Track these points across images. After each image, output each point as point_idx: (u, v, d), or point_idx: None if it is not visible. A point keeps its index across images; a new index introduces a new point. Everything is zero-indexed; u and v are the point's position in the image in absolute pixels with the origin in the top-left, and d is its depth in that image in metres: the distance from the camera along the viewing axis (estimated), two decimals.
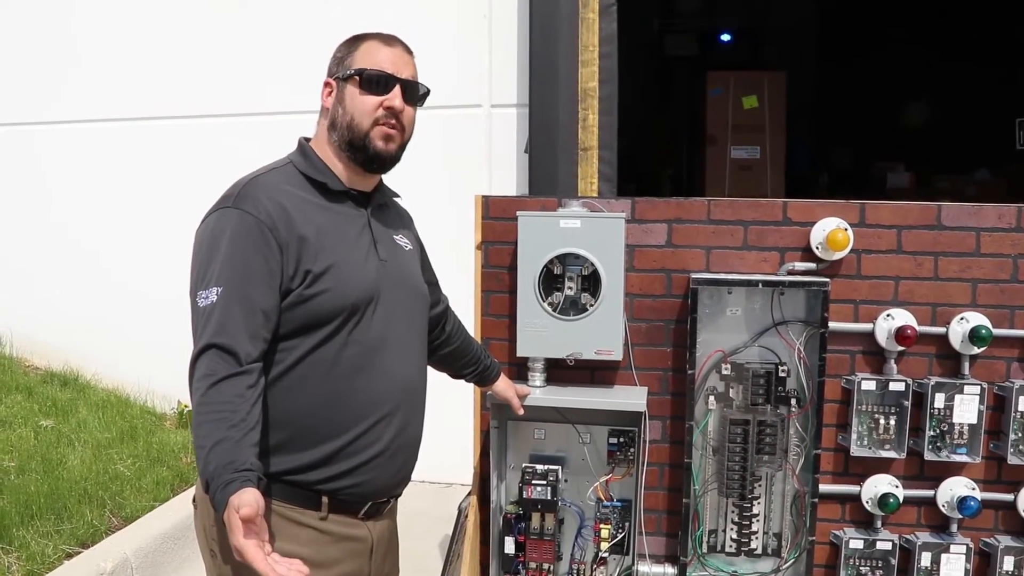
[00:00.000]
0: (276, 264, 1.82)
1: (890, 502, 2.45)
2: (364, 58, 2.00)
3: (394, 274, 2.01)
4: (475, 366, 2.36)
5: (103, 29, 5.56)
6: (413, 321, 2.08)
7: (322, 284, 1.85)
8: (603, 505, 2.58)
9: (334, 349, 1.87)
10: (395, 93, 1.97)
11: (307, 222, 1.88)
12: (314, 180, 1.97)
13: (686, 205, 2.58)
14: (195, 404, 1.72)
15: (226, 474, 1.63)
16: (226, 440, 1.66)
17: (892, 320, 2.48)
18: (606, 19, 4.10)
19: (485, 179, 4.61)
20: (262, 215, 1.83)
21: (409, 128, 2.03)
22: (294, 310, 1.83)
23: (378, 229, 2.04)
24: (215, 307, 1.77)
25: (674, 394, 2.61)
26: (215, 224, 1.86)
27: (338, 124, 1.98)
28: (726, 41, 9.35)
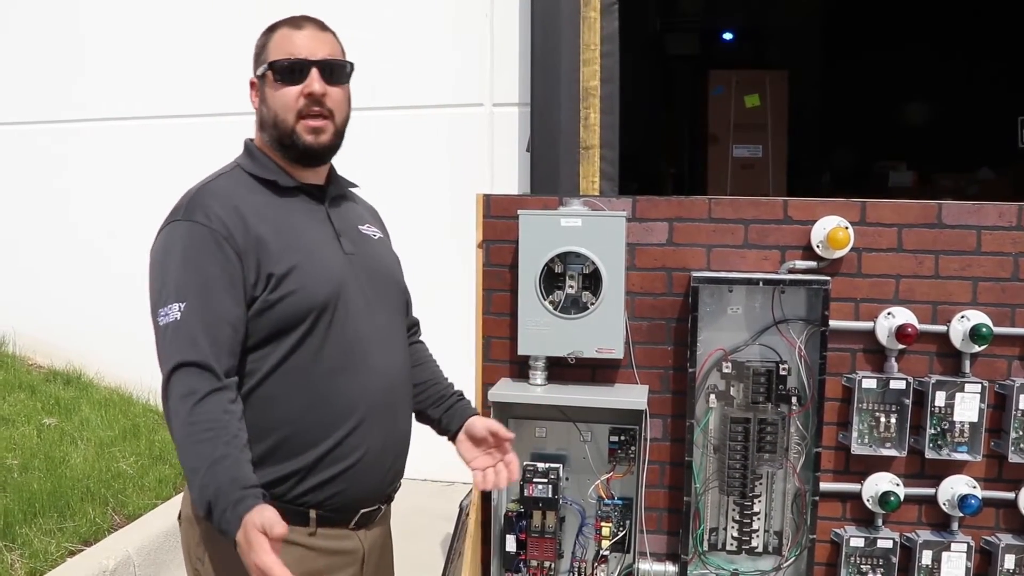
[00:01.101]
0: (236, 273, 1.73)
1: (891, 500, 2.46)
2: (275, 49, 1.87)
3: (364, 266, 1.91)
4: (431, 393, 2.11)
5: (112, 28, 5.57)
6: (391, 312, 1.98)
7: (287, 286, 1.76)
8: (604, 503, 2.58)
9: (310, 352, 1.78)
10: (312, 77, 1.84)
11: (263, 223, 1.78)
12: (264, 180, 1.87)
13: (687, 204, 2.59)
14: (179, 425, 1.64)
15: (233, 492, 1.57)
16: (225, 458, 1.60)
17: (893, 318, 2.48)
18: (608, 18, 4.11)
19: (487, 178, 4.61)
20: (214, 224, 1.74)
21: (340, 111, 1.91)
22: (261, 317, 1.75)
23: (340, 221, 1.94)
24: (180, 324, 1.68)
25: (675, 392, 2.61)
26: (166, 239, 1.78)
27: (266, 123, 1.88)
28: (728, 40, 9.35)
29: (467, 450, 2.05)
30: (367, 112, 4.94)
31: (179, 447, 1.65)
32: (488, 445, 2.01)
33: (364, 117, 4.96)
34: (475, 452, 2.03)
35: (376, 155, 4.94)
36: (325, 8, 4.72)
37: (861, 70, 8.59)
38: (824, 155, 8.61)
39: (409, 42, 4.88)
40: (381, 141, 4.93)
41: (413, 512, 4.28)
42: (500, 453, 2.00)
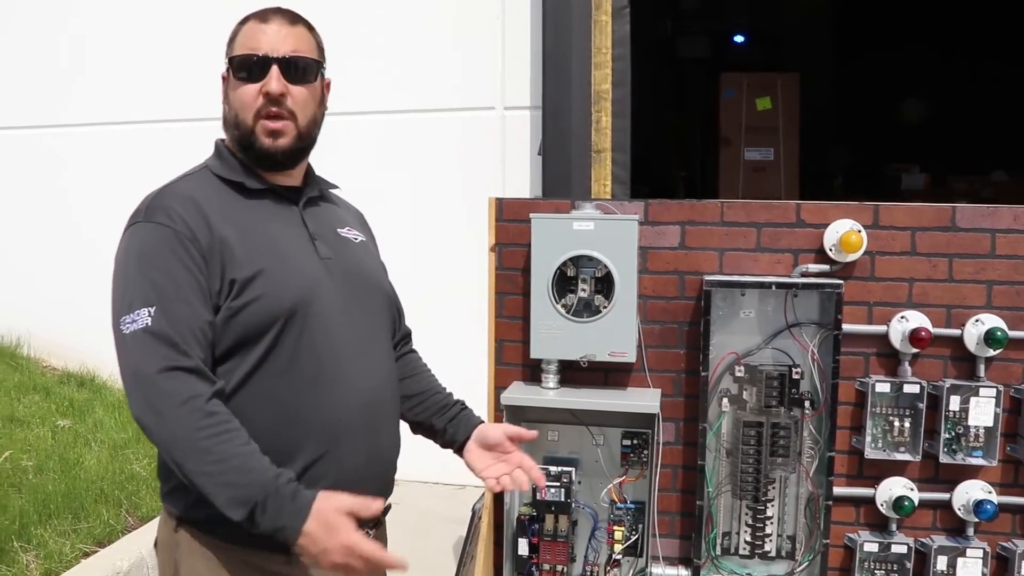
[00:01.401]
0: (203, 276, 1.62)
1: (905, 505, 2.45)
2: (240, 43, 1.76)
3: (342, 271, 1.78)
4: (431, 404, 2.01)
5: (113, 32, 5.60)
6: (373, 321, 1.84)
7: (251, 292, 1.63)
8: (616, 507, 2.58)
9: (279, 364, 1.65)
10: (272, 75, 1.71)
11: (228, 226, 1.67)
12: (231, 181, 1.76)
13: (699, 207, 2.58)
14: (186, 430, 1.52)
15: (284, 487, 1.51)
16: (252, 455, 1.53)
17: (906, 322, 2.47)
18: (619, 21, 4.10)
19: (499, 181, 4.61)
20: (178, 225, 1.63)
21: (304, 112, 1.76)
22: (226, 326, 1.63)
23: (316, 225, 1.81)
24: (152, 329, 1.56)
25: (687, 396, 2.60)
26: (127, 244, 1.66)
27: (228, 122, 1.78)
28: (739, 42, 9.33)
29: (478, 459, 1.95)
30: (379, 116, 4.97)
31: (186, 453, 1.52)
32: (501, 451, 1.92)
33: (375, 121, 4.99)
34: (487, 460, 1.93)
35: (388, 159, 4.95)
36: (333, 12, 4.75)
37: (873, 72, 8.56)
38: (836, 158, 8.59)
39: (420, 46, 4.88)
40: (393, 145, 4.94)
41: (424, 515, 4.28)
42: (514, 459, 1.91)
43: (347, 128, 4.95)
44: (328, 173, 1.99)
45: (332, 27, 4.86)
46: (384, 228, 5.11)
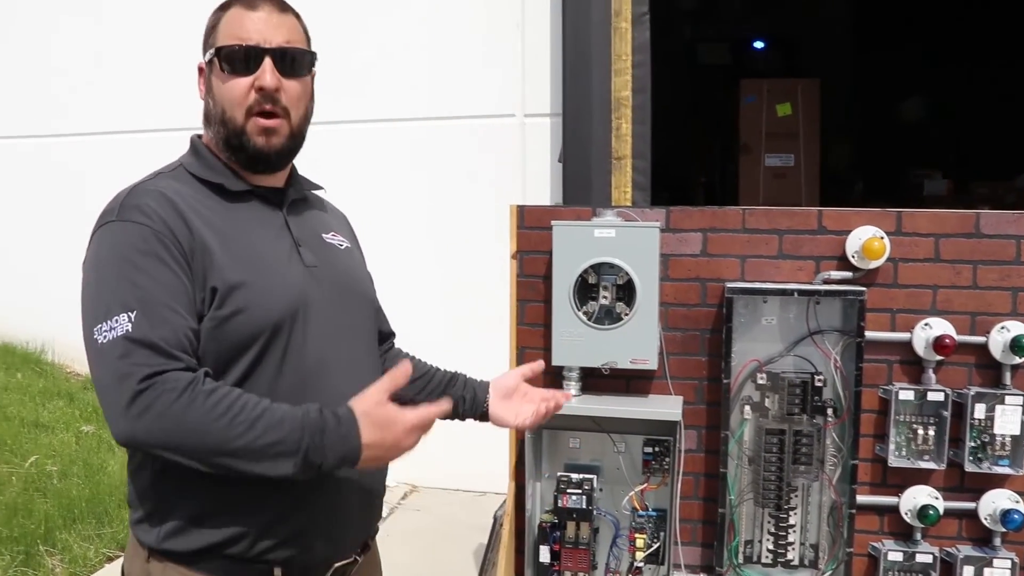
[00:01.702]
0: (186, 278, 1.49)
1: (930, 514, 2.43)
2: (225, 32, 1.61)
3: (327, 280, 1.66)
4: (438, 381, 1.96)
5: (128, 42, 5.65)
6: (358, 333, 1.74)
7: (233, 304, 1.50)
8: (638, 515, 2.57)
9: (263, 382, 1.53)
10: (265, 68, 1.58)
11: (208, 230, 1.53)
12: (209, 183, 1.62)
13: (720, 214, 2.58)
14: (200, 415, 1.38)
15: (320, 419, 1.41)
16: (273, 406, 1.42)
17: (930, 329, 2.46)
18: (639, 28, 4.11)
19: (519, 188, 4.63)
20: (154, 223, 1.49)
21: (297, 108, 1.64)
22: (207, 339, 1.49)
23: (300, 230, 1.69)
24: (132, 336, 1.40)
25: (709, 404, 2.60)
26: (99, 246, 1.51)
27: (212, 119, 1.63)
28: (759, 48, 9.32)
29: (505, 410, 1.91)
30: (399, 123, 4.99)
31: (207, 441, 1.38)
32: (521, 395, 1.93)
33: (396, 128, 5.01)
34: (512, 408, 1.91)
35: (408, 166, 4.97)
36: (352, 21, 4.78)
37: (893, 76, 8.53)
38: (857, 163, 8.56)
39: (440, 53, 4.90)
40: (413, 152, 4.96)
41: (446, 522, 4.29)
42: (533, 394, 1.92)
43: (368, 135, 4.98)
44: (347, 180, 1.97)
45: (354, 36, 4.91)
46: (405, 234, 5.17)
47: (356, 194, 4.78)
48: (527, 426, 1.92)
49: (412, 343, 2.10)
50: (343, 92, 4.83)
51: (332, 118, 4.74)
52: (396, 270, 4.86)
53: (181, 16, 5.48)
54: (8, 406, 5.12)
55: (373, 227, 4.78)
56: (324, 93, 4.88)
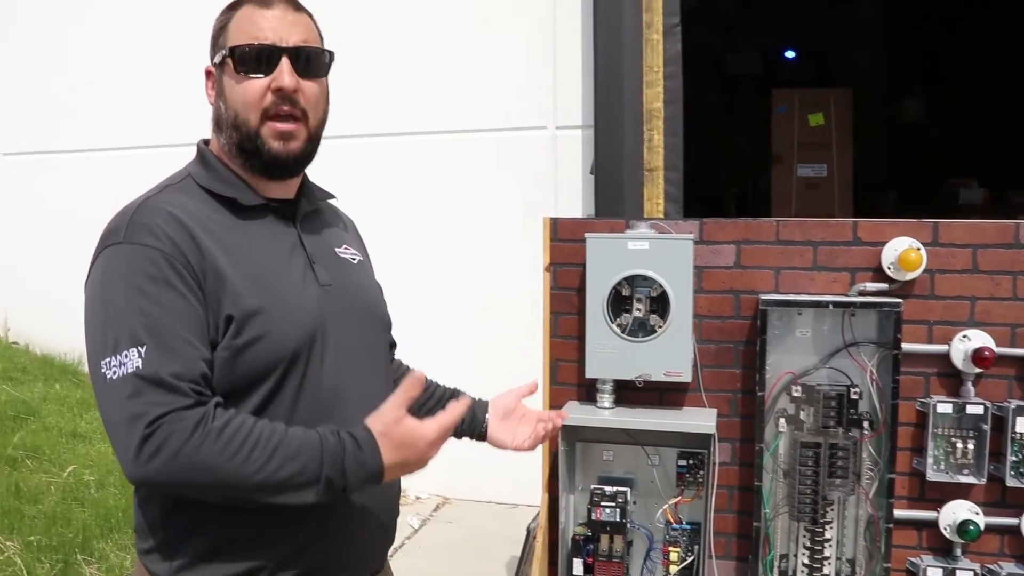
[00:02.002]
0: (200, 305, 1.41)
1: (970, 529, 2.39)
2: (237, 31, 1.53)
3: (342, 300, 1.60)
4: (438, 397, 1.92)
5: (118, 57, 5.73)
6: (372, 353, 1.68)
7: (250, 332, 1.43)
8: (672, 528, 2.56)
9: (280, 413, 1.46)
10: (282, 68, 1.50)
11: (221, 251, 1.46)
12: (220, 196, 1.54)
13: (754, 226, 2.57)
14: (217, 448, 1.33)
15: (340, 445, 1.37)
16: (289, 434, 1.37)
17: (968, 341, 2.43)
18: (670, 40, 4.11)
19: (551, 200, 4.63)
20: (165, 246, 1.41)
21: (315, 111, 1.56)
22: (223, 368, 1.43)
23: (313, 245, 1.62)
24: (142, 374, 1.34)
25: (743, 416, 2.58)
26: (105, 270, 1.43)
27: (223, 123, 1.54)
28: (791, 58, 9.29)
29: (503, 431, 1.88)
30: (432, 136, 5.02)
31: (227, 479, 1.34)
32: (519, 416, 1.89)
33: (429, 141, 5.04)
34: (510, 430, 1.88)
35: (441, 178, 4.99)
36: (389, 34, 4.81)
37: (928, 84, 8.46)
38: (891, 173, 8.49)
39: (472, 66, 4.93)
40: (446, 164, 4.98)
41: (478, 534, 4.29)
42: (531, 416, 1.90)
43: (400, 148, 5.01)
44: (378, 194, 1.94)
45: (387, 49, 4.94)
46: (437, 248, 5.19)
47: (388, 208, 4.83)
48: (524, 449, 1.87)
49: (444, 357, 2.12)
50: (376, 105, 4.87)
51: (365, 131, 4.79)
52: (427, 284, 4.89)
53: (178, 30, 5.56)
54: (47, 416, 5.19)
55: (403, 241, 4.83)
56: (356, 105, 4.97)
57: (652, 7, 4.06)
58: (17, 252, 6.57)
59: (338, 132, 1.99)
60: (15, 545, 3.64)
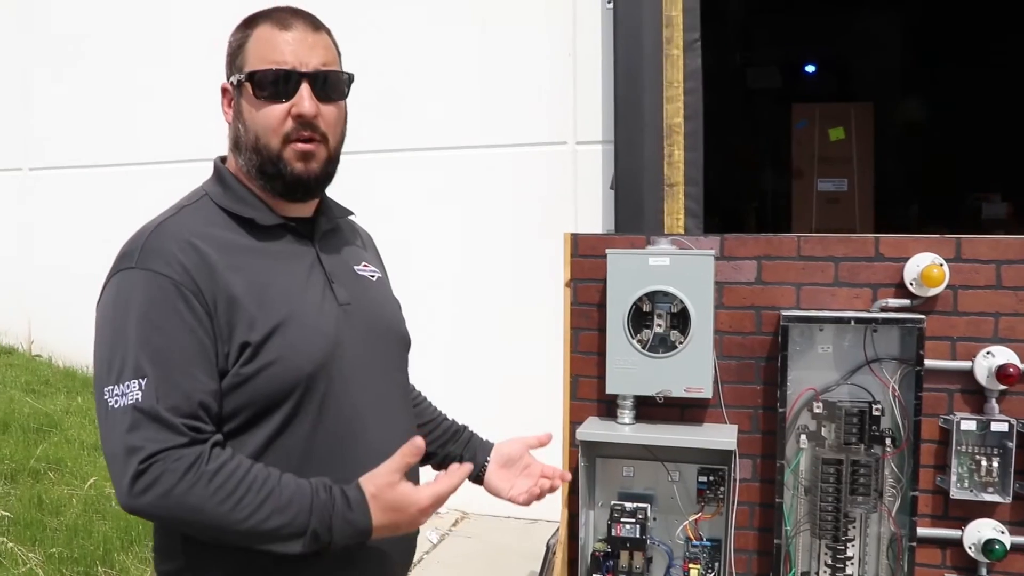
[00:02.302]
0: (207, 337, 1.40)
1: (995, 548, 2.37)
2: (256, 53, 1.50)
3: (361, 319, 1.58)
4: (443, 432, 1.87)
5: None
6: (391, 373, 1.65)
7: (266, 355, 1.42)
8: (692, 544, 2.55)
9: (300, 436, 1.46)
10: (303, 94, 1.48)
11: (236, 275, 1.45)
12: (239, 216, 1.53)
13: (775, 241, 2.56)
14: (204, 498, 1.33)
15: (330, 500, 1.37)
16: (285, 485, 1.37)
17: (992, 358, 2.41)
18: (690, 55, 4.12)
19: (571, 215, 4.64)
20: (176, 274, 1.40)
21: (335, 133, 1.55)
22: (233, 394, 1.42)
23: (332, 264, 1.60)
24: (141, 407, 1.35)
25: (764, 432, 2.57)
26: (117, 294, 1.43)
27: (243, 145, 1.53)
28: (811, 72, 9.27)
29: (502, 479, 1.81)
30: (451, 151, 5.03)
31: (214, 523, 1.35)
32: (522, 466, 1.81)
33: (448, 156, 5.06)
34: (510, 479, 1.80)
35: (460, 194, 5.01)
36: (404, 51, 4.84)
37: (948, 97, 8.42)
38: (912, 187, 8.45)
39: (493, 81, 4.95)
40: (465, 179, 5.00)
41: (498, 550, 4.28)
42: (535, 469, 1.81)
43: (420, 163, 5.03)
44: (399, 208, 1.92)
45: (406, 66, 4.97)
46: (457, 262, 5.20)
47: (407, 223, 4.85)
48: (518, 503, 1.79)
49: (463, 373, 2.12)
50: (395, 120, 4.90)
51: (384, 146, 4.82)
52: (446, 299, 4.90)
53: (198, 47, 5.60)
54: (69, 429, 5.23)
55: (422, 256, 4.84)
56: (375, 121, 5.00)
57: (672, 23, 4.07)
58: (41, 266, 6.64)
59: (358, 148, 1.96)
60: (37, 557, 3.66)
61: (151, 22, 6.02)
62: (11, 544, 3.67)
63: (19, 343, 6.88)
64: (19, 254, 6.76)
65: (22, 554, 3.64)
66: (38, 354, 6.79)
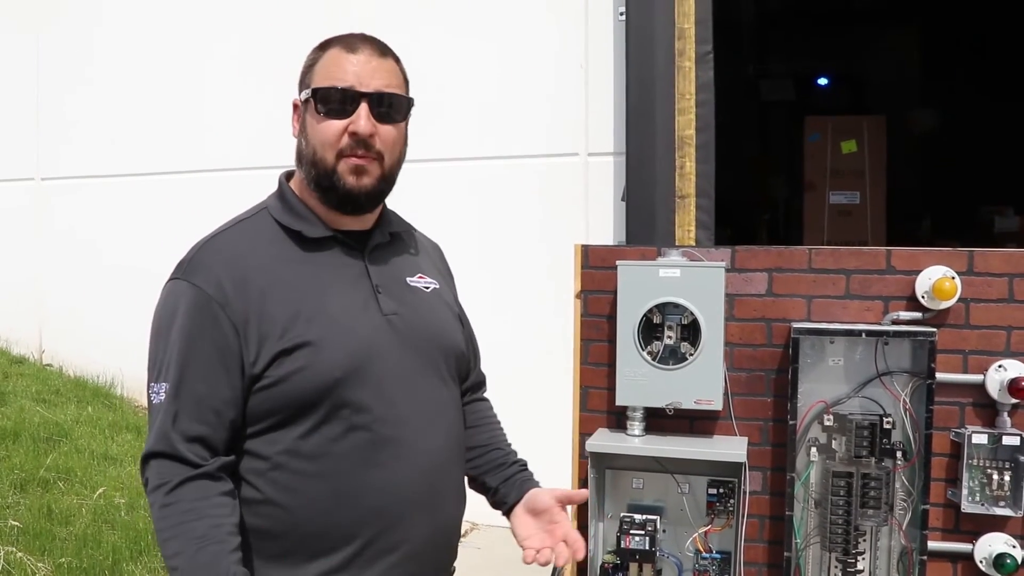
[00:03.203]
0: (231, 349, 1.51)
1: (1007, 563, 2.35)
2: (323, 72, 1.60)
3: (408, 327, 1.64)
4: (489, 460, 1.86)
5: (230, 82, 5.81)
6: (440, 381, 1.70)
7: (294, 362, 1.51)
8: (702, 557, 2.54)
9: (330, 438, 1.53)
10: (360, 114, 1.57)
11: (275, 287, 1.55)
12: (289, 228, 1.62)
13: (786, 254, 2.56)
14: (155, 519, 1.48)
15: None
16: (202, 552, 1.43)
17: (1004, 371, 2.40)
18: (702, 67, 4.12)
19: (582, 227, 4.64)
20: (211, 289, 1.52)
21: (392, 153, 1.63)
22: (265, 399, 1.53)
23: (381, 275, 1.67)
24: (161, 408, 1.51)
25: (775, 445, 2.56)
26: (165, 301, 1.58)
27: (304, 159, 1.62)
28: (824, 85, 9.26)
29: (523, 525, 1.77)
30: (463, 162, 5.05)
31: (159, 542, 1.49)
32: (549, 519, 1.75)
33: (459, 167, 5.07)
34: (531, 528, 1.75)
35: (471, 205, 5.02)
36: (418, 58, 4.86)
37: (961, 111, 8.40)
38: (924, 200, 8.42)
39: (505, 93, 4.96)
40: (477, 191, 5.01)
41: (506, 561, 4.26)
42: (559, 531, 1.73)
43: (431, 174, 5.04)
44: (412, 220, 1.97)
45: (418, 76, 4.97)
46: (466, 274, 5.19)
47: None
48: (526, 558, 1.72)
49: None
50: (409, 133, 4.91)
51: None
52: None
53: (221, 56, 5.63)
54: (79, 439, 5.25)
55: None
56: None
57: (684, 35, 4.08)
58: (52, 276, 6.68)
59: None
60: (46, 567, 3.67)
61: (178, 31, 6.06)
62: (20, 554, 3.68)
63: (30, 352, 6.92)
64: (31, 264, 6.80)
65: (31, 564, 3.65)
66: (49, 363, 6.82)
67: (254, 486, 1.55)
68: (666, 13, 4.14)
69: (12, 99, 6.80)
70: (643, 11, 4.22)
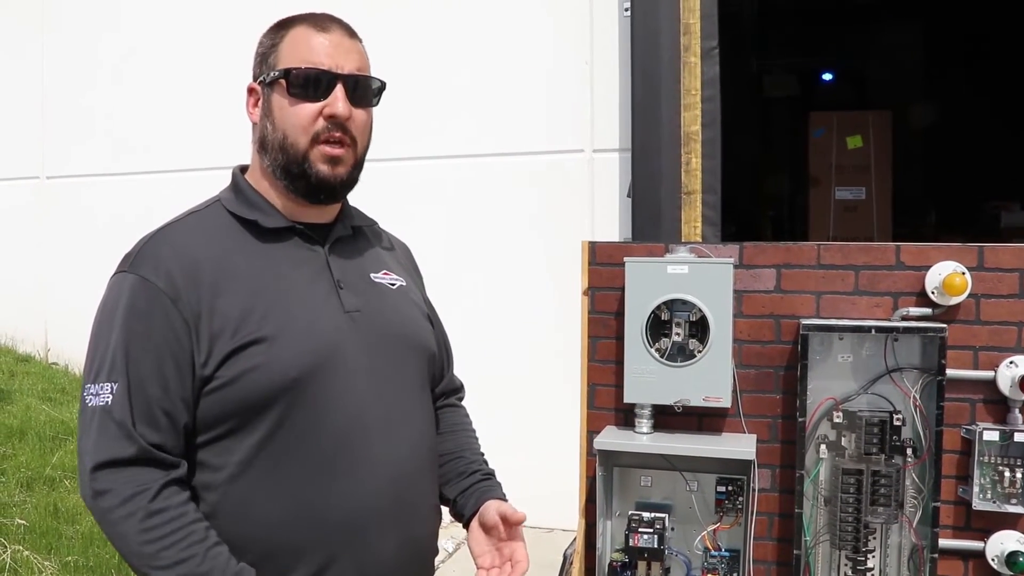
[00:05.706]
0: (181, 346, 1.42)
1: (1019, 560, 2.33)
2: (291, 52, 1.52)
3: (371, 325, 1.55)
4: (450, 469, 1.75)
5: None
6: (407, 382, 1.61)
7: (247, 361, 1.42)
8: (711, 555, 2.53)
9: (289, 443, 1.44)
10: (336, 95, 1.50)
11: (228, 281, 1.46)
12: (244, 219, 1.54)
13: (795, 249, 2.54)
14: (137, 530, 1.36)
15: None
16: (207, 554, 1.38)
17: (1016, 368, 2.38)
18: (708, 63, 4.11)
19: (588, 223, 4.63)
20: (161, 281, 1.42)
21: (363, 138, 1.57)
22: (216, 402, 1.43)
23: (343, 270, 1.58)
24: (110, 411, 1.39)
25: (784, 442, 2.55)
26: (109, 295, 1.48)
27: (269, 144, 1.53)
28: (828, 80, 9.24)
29: (476, 542, 1.67)
30: (468, 159, 5.03)
31: (133, 557, 1.37)
32: (498, 536, 1.66)
33: (465, 164, 5.06)
34: (483, 545, 1.66)
35: (477, 201, 5.01)
36: (424, 54, 4.85)
37: (966, 106, 8.38)
38: (930, 195, 8.40)
39: (509, 88, 4.95)
40: (482, 187, 5.00)
41: None
42: (506, 551, 1.65)
43: (437, 171, 5.03)
44: (416, 216, 1.93)
45: (422, 74, 4.98)
46: (472, 271, 5.19)
47: (423, 231, 4.85)
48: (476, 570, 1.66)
49: (480, 383, 2.10)
50: (411, 128, 4.90)
51: (400, 154, 4.82)
52: (462, 308, 4.88)
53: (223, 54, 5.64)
54: None
55: (439, 264, 4.84)
56: (393, 130, 4.99)
57: (690, 30, 4.07)
58: (58, 274, 6.67)
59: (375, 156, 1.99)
60: (53, 565, 3.67)
61: (183, 30, 6.05)
62: (27, 552, 3.68)
63: (36, 351, 6.92)
64: (36, 262, 6.80)
65: (38, 562, 3.64)
66: (55, 362, 6.82)
67: (206, 501, 1.45)
68: (671, 8, 4.13)
69: (17, 97, 6.79)
70: (648, 6, 4.21)
